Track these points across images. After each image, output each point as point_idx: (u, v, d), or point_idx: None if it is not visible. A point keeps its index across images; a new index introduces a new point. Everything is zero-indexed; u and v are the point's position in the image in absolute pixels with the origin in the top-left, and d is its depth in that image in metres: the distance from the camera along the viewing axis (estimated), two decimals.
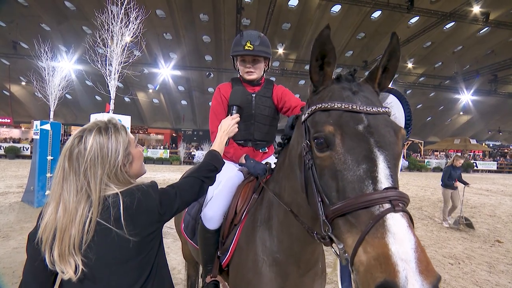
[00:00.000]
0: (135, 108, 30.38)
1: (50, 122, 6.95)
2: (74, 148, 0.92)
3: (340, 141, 0.81)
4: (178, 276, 3.45)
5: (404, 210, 0.71)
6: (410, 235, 0.65)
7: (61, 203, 0.88)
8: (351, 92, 0.89)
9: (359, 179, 0.75)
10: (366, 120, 0.82)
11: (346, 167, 0.78)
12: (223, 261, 1.49)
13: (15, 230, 4.83)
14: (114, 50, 6.26)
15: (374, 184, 0.73)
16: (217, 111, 1.82)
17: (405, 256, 0.62)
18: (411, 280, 0.59)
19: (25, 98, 28.41)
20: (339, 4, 20.08)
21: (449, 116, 34.70)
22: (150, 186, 0.99)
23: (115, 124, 1.01)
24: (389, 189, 0.72)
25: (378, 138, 0.79)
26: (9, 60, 24.28)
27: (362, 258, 0.68)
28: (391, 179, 0.75)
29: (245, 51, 1.72)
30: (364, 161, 0.76)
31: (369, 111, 0.83)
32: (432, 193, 11.42)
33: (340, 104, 0.85)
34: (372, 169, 0.75)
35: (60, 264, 0.85)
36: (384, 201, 0.70)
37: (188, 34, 23.61)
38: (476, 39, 23.05)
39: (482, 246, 5.19)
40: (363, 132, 0.80)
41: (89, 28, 19.37)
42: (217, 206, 1.58)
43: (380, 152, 0.77)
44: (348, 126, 0.81)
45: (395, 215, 0.68)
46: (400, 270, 0.60)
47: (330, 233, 0.80)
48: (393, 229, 0.66)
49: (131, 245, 0.89)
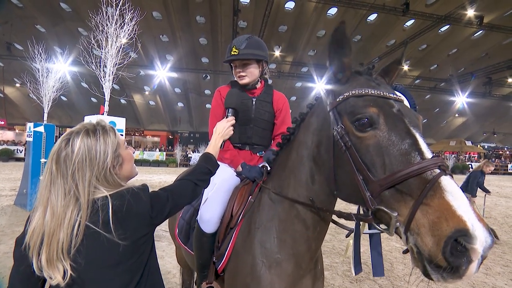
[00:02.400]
0: (131, 110, 30.22)
1: (44, 124, 6.87)
2: (61, 151, 0.90)
3: (383, 120, 0.90)
4: (173, 280, 3.40)
5: (451, 174, 0.81)
6: (462, 193, 0.76)
7: (48, 207, 0.87)
8: (376, 83, 1.01)
9: (405, 152, 0.84)
10: (396, 105, 0.94)
11: (391, 143, 0.87)
12: (219, 266, 1.46)
13: (7, 234, 4.74)
14: (109, 52, 6.20)
15: (421, 154, 0.83)
16: (217, 113, 1.80)
17: (467, 209, 0.72)
18: (477, 227, 0.70)
19: (20, 100, 28.10)
20: (335, 6, 20.20)
21: (444, 118, 35.00)
22: (141, 189, 0.97)
23: (104, 126, 0.99)
24: (434, 157, 0.82)
25: (409, 119, 0.91)
26: (3, 61, 24.03)
27: (422, 221, 0.76)
28: (431, 150, 0.85)
29: (230, 56, 1.72)
30: (407, 137, 0.86)
31: (397, 98, 0.96)
32: None
33: (374, 91, 0.96)
34: (416, 142, 0.85)
35: (48, 270, 0.83)
36: (435, 167, 0.79)
37: (184, 36, 23.59)
38: (470, 42, 23.33)
39: None
40: (398, 114, 0.91)
41: (85, 30, 19.24)
42: (214, 208, 1.54)
43: (415, 130, 0.88)
44: (386, 108, 0.92)
45: (447, 177, 0.78)
46: (467, 220, 0.70)
47: (377, 206, 0.85)
48: (449, 188, 0.75)
49: (121, 249, 0.88)
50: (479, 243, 0.69)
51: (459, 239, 0.70)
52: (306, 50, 25.51)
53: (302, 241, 1.23)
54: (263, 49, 1.76)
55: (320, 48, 24.79)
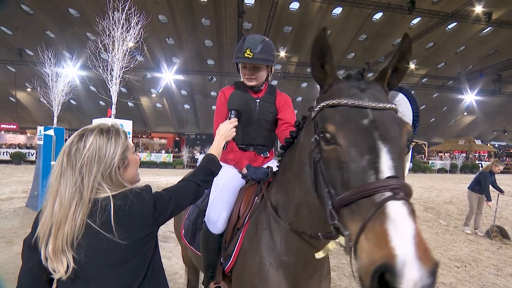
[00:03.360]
0: (138, 112, 30.57)
1: (53, 128, 7.01)
2: (73, 145, 0.94)
3: (345, 134, 0.84)
4: (180, 281, 3.43)
5: (405, 198, 0.72)
6: (410, 222, 0.67)
7: (57, 198, 0.90)
8: (359, 90, 0.92)
9: (362, 170, 0.78)
10: (371, 115, 0.85)
11: (350, 158, 0.81)
12: (226, 267, 1.47)
13: (19, 235, 4.85)
14: (116, 56, 6.31)
15: (377, 174, 0.76)
16: (222, 113, 1.81)
17: (404, 241, 0.63)
18: (408, 264, 0.60)
19: (31, 104, 28.73)
20: (340, 6, 20.11)
21: (453, 116, 34.44)
22: (143, 190, 0.99)
23: (117, 129, 1.04)
24: (391, 178, 0.75)
25: (382, 131, 0.82)
26: (14, 67, 24.63)
27: (363, 245, 0.70)
28: (393, 169, 0.77)
29: (244, 59, 1.68)
30: (368, 153, 0.79)
31: (375, 107, 0.86)
32: (437, 194, 11.31)
33: (347, 100, 0.88)
34: (375, 160, 0.78)
35: (54, 260, 0.86)
36: (386, 189, 0.73)
37: (190, 39, 23.78)
38: (479, 39, 22.92)
39: (489, 249, 5.11)
40: (368, 126, 0.83)
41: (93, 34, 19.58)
42: (221, 209, 1.56)
43: (384, 144, 0.80)
44: (354, 120, 0.85)
45: (395, 202, 0.70)
46: (398, 254, 0.62)
47: (337, 221, 0.82)
48: (393, 215, 0.68)
49: (123, 249, 0.89)
50: (406, 283, 0.60)
51: (386, 275, 0.62)
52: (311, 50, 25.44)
53: (308, 242, 1.22)
54: (273, 53, 1.76)
55: None
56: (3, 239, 4.67)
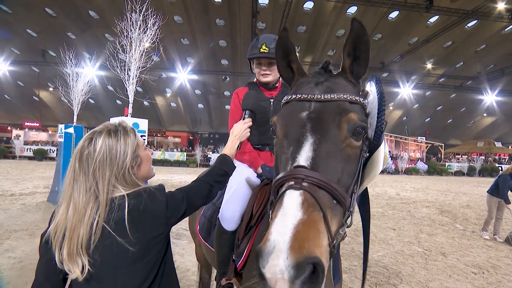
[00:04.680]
0: (154, 111, 31.18)
1: (73, 126, 7.28)
2: (84, 150, 0.94)
3: (280, 126, 0.89)
4: (192, 278, 3.50)
5: (305, 188, 0.70)
6: (298, 211, 0.66)
7: (71, 203, 0.91)
8: (314, 84, 0.92)
9: (285, 160, 0.82)
10: (312, 107, 0.86)
11: (281, 149, 0.86)
12: (238, 264, 1.49)
13: (41, 228, 5.08)
14: (133, 56, 6.49)
15: (292, 164, 0.78)
16: (236, 114, 1.83)
17: (280, 229, 0.63)
18: (276, 251, 0.60)
19: (52, 103, 29.90)
20: (355, 5, 19.82)
21: (471, 118, 33.27)
22: (157, 189, 1.00)
23: (125, 127, 1.03)
24: (299, 168, 0.75)
25: (315, 123, 0.83)
26: (38, 67, 25.72)
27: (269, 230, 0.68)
28: (310, 160, 0.77)
29: (260, 54, 1.73)
30: (293, 144, 0.82)
31: (320, 99, 0.86)
32: (453, 198, 10.98)
33: (296, 95, 0.91)
34: (296, 150, 0.80)
35: (68, 263, 0.87)
36: (289, 179, 0.74)
37: (204, 39, 24.05)
38: (501, 37, 22.05)
39: (509, 255, 4.93)
40: (303, 118, 0.85)
41: (111, 35, 20.14)
42: (235, 207, 1.60)
43: (311, 136, 0.81)
44: (293, 113, 0.88)
45: (292, 192, 0.70)
46: (270, 240, 0.62)
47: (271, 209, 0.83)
48: (284, 204, 0.68)
49: (135, 247, 0.90)
50: (267, 268, 0.60)
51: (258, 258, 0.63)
52: (325, 50, 25.21)
53: None
54: None
55: (340, 47, 24.25)
56: (27, 231, 4.90)
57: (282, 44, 0.98)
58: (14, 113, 31.21)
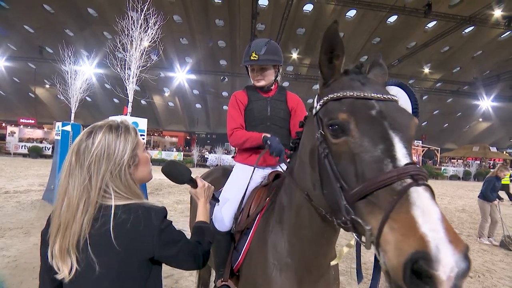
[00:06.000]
0: (151, 111, 31.05)
1: (70, 124, 7.23)
2: (82, 143, 0.92)
3: (355, 125, 0.82)
4: (190, 279, 3.49)
5: (426, 183, 0.70)
6: (435, 206, 0.65)
7: (66, 198, 0.88)
8: (360, 83, 0.91)
9: (377, 159, 0.76)
10: (377, 106, 0.84)
11: (363, 149, 0.79)
12: (235, 265, 1.49)
13: (36, 227, 5.03)
14: (133, 55, 6.46)
15: (394, 162, 0.74)
16: (234, 115, 1.86)
17: (433, 226, 0.61)
18: (442, 249, 0.58)
19: (49, 100, 29.64)
20: (354, 9, 19.95)
21: (467, 122, 33.59)
22: (154, 210, 0.92)
23: (127, 125, 1.01)
24: (409, 165, 0.73)
25: (391, 121, 0.81)
26: (35, 64, 25.47)
27: (388, 237, 0.66)
28: (409, 157, 0.76)
29: (250, 62, 1.78)
30: (381, 142, 0.78)
31: (379, 98, 0.86)
32: (449, 201, 11.07)
33: (352, 92, 0.88)
34: (390, 148, 0.76)
35: (59, 260, 0.85)
36: (405, 176, 0.70)
37: (203, 39, 24.04)
38: (497, 43, 22.32)
39: (504, 259, 4.98)
40: (376, 116, 0.82)
41: (110, 34, 20.05)
42: (227, 208, 1.61)
43: (395, 133, 0.79)
44: (361, 111, 0.84)
45: (418, 188, 0.68)
46: (430, 240, 0.59)
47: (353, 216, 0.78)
48: (418, 202, 0.66)
49: (116, 266, 0.85)
50: (442, 268, 0.57)
51: (420, 262, 0.59)
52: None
53: (309, 246, 1.20)
54: (279, 53, 1.84)
55: None
56: (22, 230, 4.85)
57: (328, 38, 0.92)
58: (9, 109, 30.88)
